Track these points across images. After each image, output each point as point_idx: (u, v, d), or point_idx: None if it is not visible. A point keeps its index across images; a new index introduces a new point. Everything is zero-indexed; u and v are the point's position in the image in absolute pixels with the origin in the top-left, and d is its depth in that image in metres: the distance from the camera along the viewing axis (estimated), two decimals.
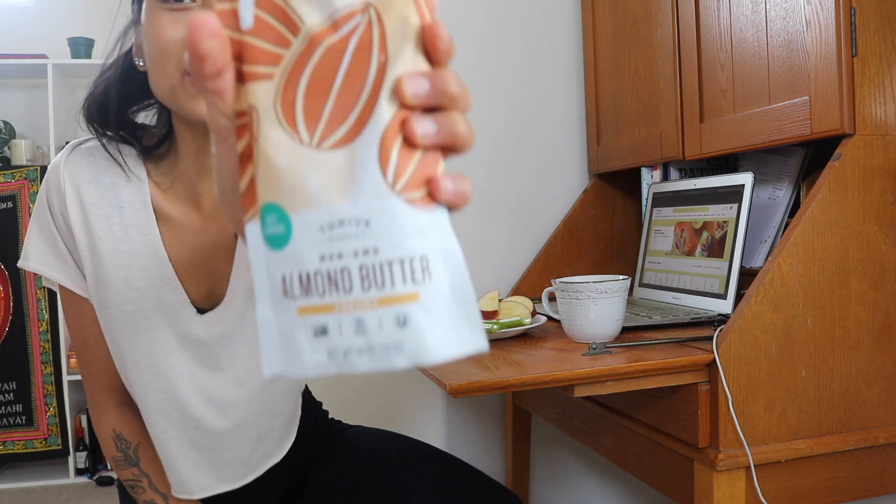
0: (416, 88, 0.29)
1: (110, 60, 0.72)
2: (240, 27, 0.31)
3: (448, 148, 0.30)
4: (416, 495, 0.82)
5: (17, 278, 2.46)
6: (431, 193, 0.29)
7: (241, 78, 0.31)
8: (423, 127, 0.29)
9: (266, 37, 0.31)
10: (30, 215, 2.50)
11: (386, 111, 0.29)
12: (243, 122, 0.31)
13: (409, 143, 0.29)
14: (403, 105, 0.30)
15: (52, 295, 2.48)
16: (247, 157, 0.31)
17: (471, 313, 0.29)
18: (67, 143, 2.30)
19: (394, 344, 0.28)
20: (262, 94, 0.31)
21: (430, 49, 0.30)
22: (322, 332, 0.29)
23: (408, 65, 0.30)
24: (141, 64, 0.67)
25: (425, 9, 0.30)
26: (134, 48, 0.68)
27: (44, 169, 2.49)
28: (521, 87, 1.47)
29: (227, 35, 0.31)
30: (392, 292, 0.28)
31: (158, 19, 0.60)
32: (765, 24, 0.98)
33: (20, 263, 0.71)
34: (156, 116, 0.73)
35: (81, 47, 2.61)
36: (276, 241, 0.30)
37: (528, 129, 1.46)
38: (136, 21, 0.67)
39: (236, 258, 0.70)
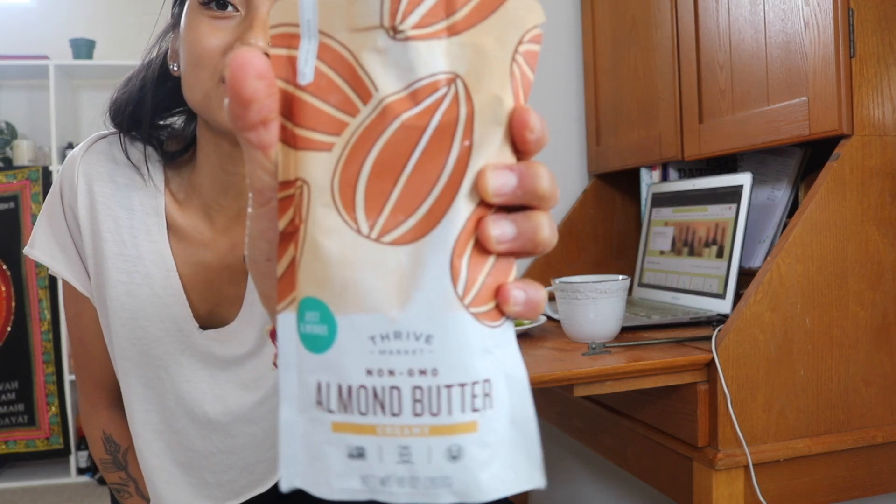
0: (502, 185, 0.25)
1: (145, 62, 0.70)
2: (296, 80, 0.26)
3: (525, 254, 0.26)
4: None
5: (19, 278, 2.47)
6: (500, 307, 0.25)
7: (291, 142, 0.26)
8: (500, 231, 0.25)
9: (328, 98, 0.26)
10: (31, 216, 2.51)
11: (463, 208, 0.25)
12: (288, 193, 0.26)
13: (481, 247, 0.25)
14: (483, 202, 0.25)
15: (53, 295, 2.48)
16: (289, 235, 0.27)
17: (530, 445, 0.26)
18: (69, 143, 2.31)
19: (441, 478, 0.24)
20: (317, 168, 0.25)
21: (517, 140, 0.25)
22: (358, 454, 0.25)
23: (494, 155, 0.25)
24: (175, 69, 0.65)
25: (521, 91, 0.26)
26: (169, 52, 0.66)
27: (45, 170, 2.49)
28: None
29: (280, 85, 0.26)
30: (448, 420, 0.24)
31: (198, 25, 0.58)
32: (763, 25, 0.99)
33: (26, 250, 0.69)
34: (183, 124, 0.71)
35: (83, 48, 2.61)
36: (315, 343, 0.25)
37: None
38: (174, 25, 0.65)
39: (250, 285, 0.68)
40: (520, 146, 0.26)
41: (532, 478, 0.25)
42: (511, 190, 0.25)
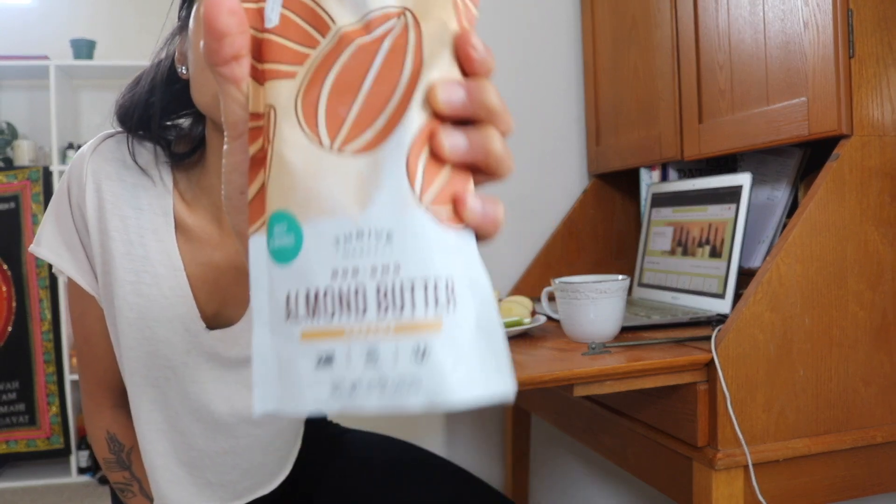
0: (450, 96, 0.26)
1: (153, 63, 0.70)
2: (264, 26, 0.29)
3: (480, 168, 0.27)
4: None
5: (19, 278, 2.47)
6: (458, 212, 0.26)
7: (260, 78, 0.29)
8: (453, 140, 0.26)
9: (292, 36, 0.28)
10: (32, 216, 2.51)
11: (416, 118, 0.26)
12: (258, 124, 0.29)
13: (435, 156, 0.26)
14: (435, 114, 0.26)
15: (54, 295, 2.49)
16: (259, 161, 0.28)
17: (498, 352, 0.26)
18: (70, 143, 2.31)
19: (410, 380, 0.24)
20: (283, 93, 0.28)
21: (462, 59, 0.27)
22: (327, 361, 0.25)
23: (444, 72, 0.27)
24: (183, 71, 0.65)
25: (465, 18, 0.28)
26: (177, 55, 0.66)
27: (46, 170, 2.49)
28: (520, 87, 1.47)
29: (250, 32, 0.28)
30: (412, 318, 0.24)
31: None
32: (763, 25, 0.99)
33: (32, 248, 0.69)
34: (190, 125, 0.71)
35: (83, 49, 2.62)
36: (284, 255, 0.27)
37: (527, 130, 1.47)
38: (182, 28, 0.65)
39: None
40: (465, 65, 0.27)
41: (503, 383, 0.25)
42: (460, 101, 0.27)
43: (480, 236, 0.27)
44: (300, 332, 0.26)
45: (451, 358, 0.24)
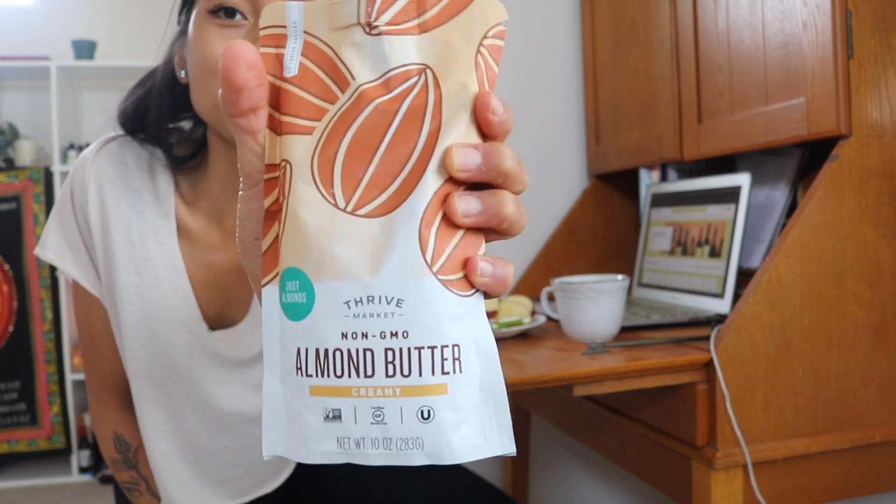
0: (466, 161, 0.26)
1: (154, 67, 0.70)
2: (282, 74, 0.28)
3: (493, 230, 0.28)
4: None
5: (21, 278, 2.47)
6: (468, 277, 0.27)
7: (277, 129, 0.28)
8: (466, 205, 0.27)
9: (311, 88, 0.28)
10: (33, 216, 2.52)
11: (432, 183, 0.27)
12: (273, 175, 0.29)
13: (449, 221, 0.27)
14: (450, 178, 0.27)
15: (55, 295, 2.49)
16: (273, 214, 0.29)
17: (499, 412, 0.27)
18: (71, 144, 2.32)
19: (413, 439, 0.25)
20: (299, 149, 0.28)
21: (480, 122, 0.27)
22: (335, 416, 0.26)
23: (461, 135, 0.27)
24: (182, 76, 0.65)
25: (486, 81, 0.28)
26: (177, 59, 0.66)
27: (47, 170, 2.50)
28: (520, 88, 1.47)
29: (268, 79, 0.28)
30: (418, 382, 0.26)
31: (207, 33, 0.58)
32: (762, 26, 0.99)
33: (36, 251, 0.70)
34: (191, 127, 0.71)
35: (84, 49, 2.62)
36: (295, 311, 0.27)
37: (527, 130, 1.47)
38: (182, 32, 0.65)
39: None
40: (484, 128, 0.28)
41: (502, 444, 0.27)
42: (475, 166, 0.27)
43: (489, 295, 0.28)
44: (309, 387, 0.27)
45: (454, 419, 0.26)
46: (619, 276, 0.95)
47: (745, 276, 1.03)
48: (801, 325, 0.85)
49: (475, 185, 0.28)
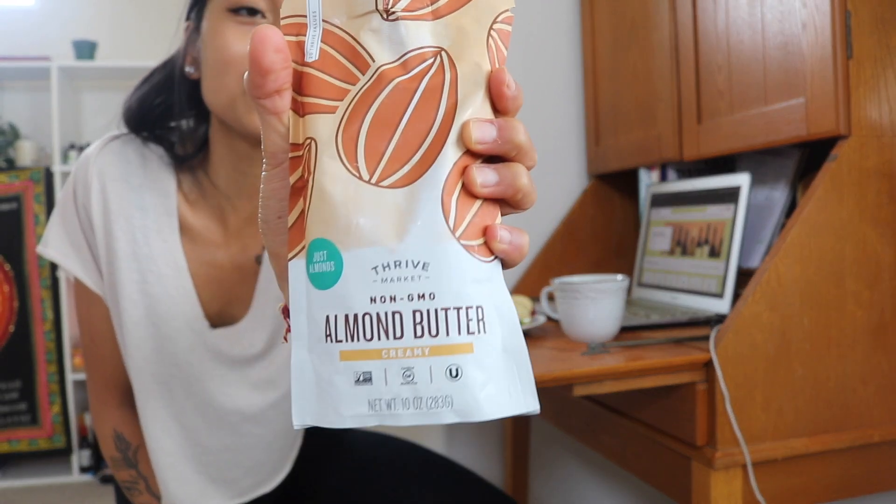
0: (483, 134, 0.28)
1: (160, 65, 0.70)
2: (304, 59, 0.30)
3: (508, 201, 0.30)
4: None
5: (21, 278, 2.48)
6: (488, 243, 0.28)
7: (300, 110, 0.30)
8: (483, 176, 0.28)
9: (332, 71, 0.30)
10: (34, 216, 2.52)
11: (451, 155, 0.28)
12: (298, 154, 0.30)
13: (468, 191, 0.28)
14: (468, 151, 0.28)
15: (56, 294, 2.49)
16: (299, 190, 0.30)
17: (522, 372, 0.28)
18: (72, 144, 2.32)
19: (443, 397, 0.26)
20: (323, 127, 0.29)
21: (495, 96, 0.29)
22: (365, 379, 0.27)
23: (476, 111, 0.29)
24: (191, 71, 0.65)
25: (496, 58, 0.30)
26: (186, 56, 0.66)
27: (48, 170, 2.50)
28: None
29: (291, 63, 0.30)
30: (446, 341, 0.27)
31: (226, 30, 0.59)
32: (761, 26, 0.99)
33: (39, 249, 0.70)
34: (193, 125, 0.71)
35: (85, 49, 2.62)
36: (323, 280, 0.28)
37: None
38: (195, 29, 0.65)
39: (259, 286, 0.69)
40: (497, 102, 0.29)
41: (527, 403, 0.28)
42: (492, 139, 0.28)
43: (507, 264, 0.29)
44: (339, 352, 0.28)
45: (481, 377, 0.27)
46: (619, 276, 0.95)
47: (744, 276, 1.03)
48: (800, 325, 0.85)
49: (490, 160, 0.29)
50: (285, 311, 0.33)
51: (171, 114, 0.70)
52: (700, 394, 0.85)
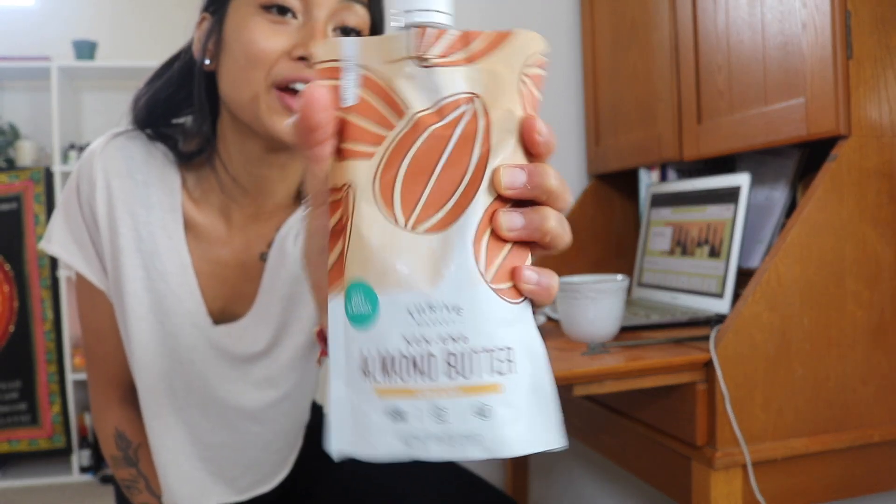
0: (512, 179, 0.29)
1: (167, 61, 0.70)
2: (339, 104, 0.31)
3: (537, 243, 0.31)
4: None
5: (21, 278, 2.48)
6: (516, 285, 0.30)
7: (338, 155, 0.31)
8: (510, 220, 0.29)
9: (368, 116, 0.31)
10: (34, 216, 2.52)
11: (482, 201, 0.29)
12: (337, 197, 0.31)
13: (496, 235, 0.30)
14: (499, 196, 0.30)
15: (56, 294, 2.49)
16: (338, 232, 0.31)
17: (549, 410, 0.30)
18: (72, 144, 2.32)
19: (472, 434, 0.28)
20: (361, 172, 0.30)
21: (526, 142, 0.30)
22: (399, 416, 0.29)
23: (508, 157, 0.30)
24: (207, 63, 0.65)
25: (528, 104, 0.31)
26: (205, 48, 0.65)
27: (48, 170, 2.50)
28: None
29: (335, 116, 0.31)
30: (477, 382, 0.28)
31: (255, 25, 0.59)
32: (761, 26, 0.99)
33: (42, 244, 0.70)
34: (197, 122, 0.70)
35: (85, 50, 2.62)
36: (361, 320, 0.30)
37: None
38: (218, 21, 0.64)
39: (263, 283, 0.69)
40: (530, 147, 0.30)
41: (552, 440, 0.29)
42: (521, 184, 0.30)
43: (536, 304, 0.31)
44: (375, 389, 0.29)
45: (509, 415, 0.28)
46: (619, 276, 0.95)
47: (744, 276, 1.03)
48: (800, 325, 0.85)
49: (523, 203, 0.30)
50: (320, 335, 0.34)
51: (180, 109, 0.70)
52: (700, 394, 0.85)
